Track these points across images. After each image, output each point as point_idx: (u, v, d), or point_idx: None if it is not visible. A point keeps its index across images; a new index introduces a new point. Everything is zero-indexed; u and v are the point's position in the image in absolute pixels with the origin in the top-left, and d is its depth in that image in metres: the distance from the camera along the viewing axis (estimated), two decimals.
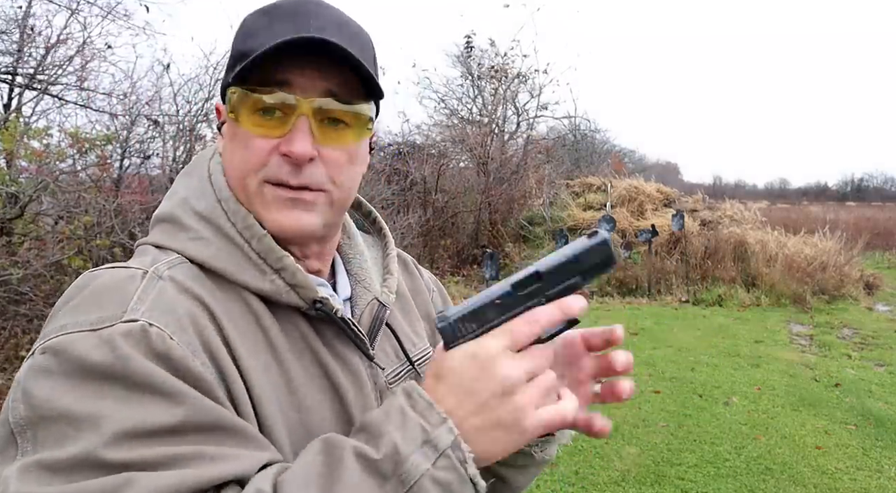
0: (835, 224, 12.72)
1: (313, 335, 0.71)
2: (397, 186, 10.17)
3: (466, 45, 13.88)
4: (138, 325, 0.57)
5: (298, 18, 0.67)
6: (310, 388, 0.69)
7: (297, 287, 0.68)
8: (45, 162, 4.97)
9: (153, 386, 0.55)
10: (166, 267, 0.65)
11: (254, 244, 0.68)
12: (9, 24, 5.78)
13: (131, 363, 0.55)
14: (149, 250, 0.70)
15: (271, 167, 0.67)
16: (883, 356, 6.33)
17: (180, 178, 0.77)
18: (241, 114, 0.67)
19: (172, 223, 0.70)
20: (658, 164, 37.00)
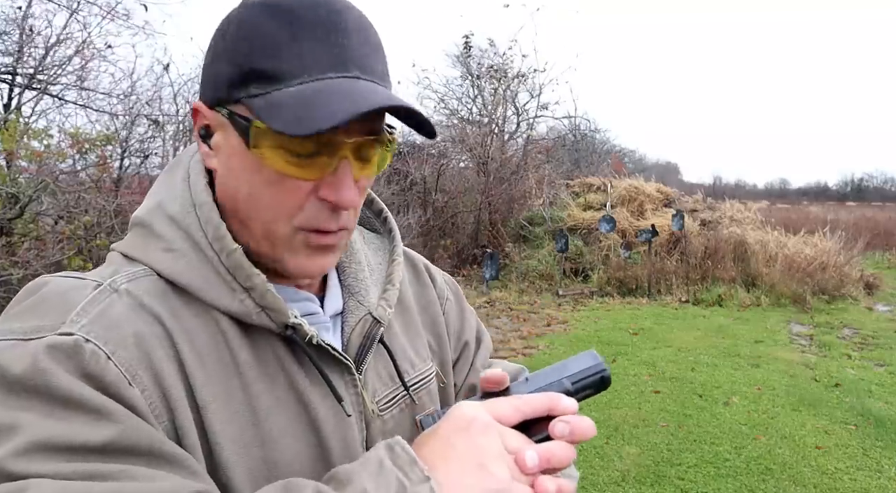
0: (835, 224, 12.72)
1: (290, 359, 0.64)
2: (397, 186, 10.18)
3: (465, 45, 13.88)
4: (71, 339, 0.52)
5: (330, 36, 0.58)
6: (280, 417, 0.62)
7: (267, 309, 0.61)
8: (45, 162, 4.97)
9: (79, 403, 0.50)
10: (125, 280, 0.59)
11: (223, 258, 0.60)
12: (8, 24, 5.78)
13: (51, 379, 0.50)
14: (115, 259, 0.64)
15: (309, 213, 0.60)
16: (883, 356, 6.33)
17: (162, 174, 0.70)
18: (266, 151, 0.58)
19: (144, 229, 0.64)
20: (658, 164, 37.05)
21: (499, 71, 13.44)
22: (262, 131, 0.57)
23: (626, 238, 10.83)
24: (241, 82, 0.58)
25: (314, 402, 0.64)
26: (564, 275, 10.37)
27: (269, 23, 0.57)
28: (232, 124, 0.59)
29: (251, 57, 0.57)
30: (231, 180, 0.62)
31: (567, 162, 16.39)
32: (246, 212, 0.62)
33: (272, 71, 0.56)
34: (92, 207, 4.95)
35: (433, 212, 11.13)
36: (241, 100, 0.58)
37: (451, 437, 0.54)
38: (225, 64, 0.59)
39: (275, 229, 0.61)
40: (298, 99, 0.55)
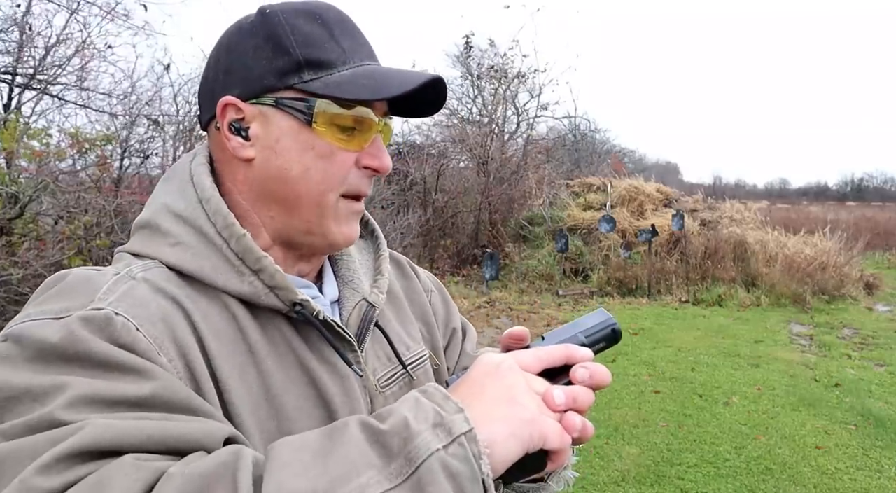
0: (835, 224, 12.72)
1: (297, 339, 0.68)
2: (397, 186, 10.18)
3: (465, 46, 13.88)
4: (102, 312, 0.56)
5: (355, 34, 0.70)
6: (291, 394, 0.65)
7: (276, 289, 0.66)
8: (45, 162, 4.97)
9: (118, 364, 0.53)
10: (140, 270, 0.64)
11: (232, 244, 0.66)
12: (8, 23, 5.78)
13: (90, 344, 0.53)
14: (125, 257, 0.68)
15: (352, 181, 0.70)
16: (883, 356, 6.34)
17: (160, 184, 0.75)
18: (324, 126, 0.67)
19: (150, 229, 0.69)
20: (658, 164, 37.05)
21: (499, 71, 13.44)
22: (323, 109, 0.66)
23: (626, 238, 10.83)
24: (294, 71, 0.66)
25: (322, 379, 0.68)
26: (564, 275, 10.37)
27: (305, 23, 0.67)
28: (281, 109, 0.67)
29: (301, 49, 0.66)
30: (281, 162, 0.68)
31: (567, 162, 16.39)
32: (296, 191, 0.68)
33: (324, 59, 0.67)
34: (92, 207, 4.94)
35: (433, 212, 11.13)
36: (293, 86, 0.66)
37: (480, 379, 0.57)
38: (266, 59, 0.67)
39: (325, 200, 0.68)
40: (359, 76, 0.66)
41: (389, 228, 8.70)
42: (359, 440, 0.49)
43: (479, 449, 0.50)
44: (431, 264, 10.65)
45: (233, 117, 0.68)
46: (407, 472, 0.47)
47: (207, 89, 0.71)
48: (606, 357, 6.13)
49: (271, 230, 0.71)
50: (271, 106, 0.67)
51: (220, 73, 0.70)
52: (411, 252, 10.00)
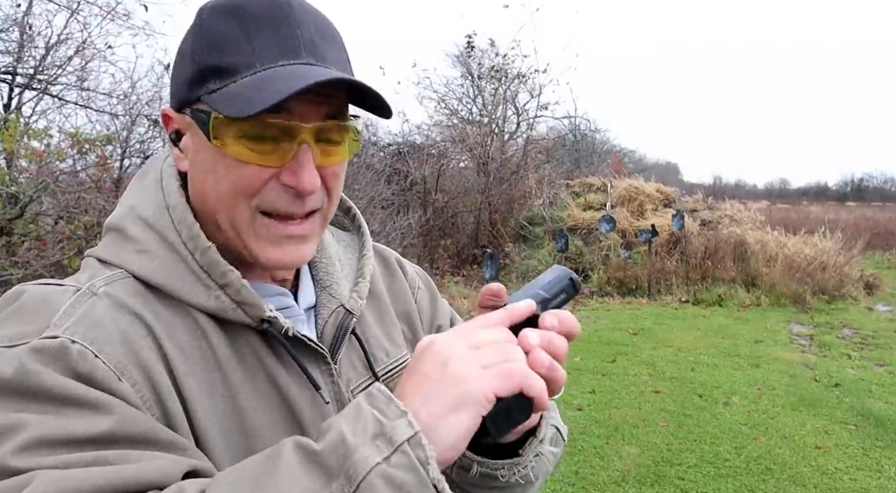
0: (835, 224, 12.72)
1: (266, 352, 0.65)
2: (397, 186, 10.17)
3: (467, 46, 13.88)
4: (56, 342, 0.53)
5: (281, 28, 0.61)
6: (260, 410, 0.63)
7: (242, 304, 0.63)
8: (45, 162, 4.98)
9: (72, 399, 0.51)
10: (102, 283, 0.61)
11: (197, 257, 0.63)
12: (9, 23, 5.78)
13: (44, 379, 0.51)
14: (91, 264, 0.65)
15: (268, 196, 0.62)
16: (883, 356, 6.34)
17: (134, 180, 0.72)
18: (228, 140, 0.60)
19: (118, 233, 0.66)
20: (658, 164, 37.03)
21: (499, 71, 13.44)
22: (220, 122, 0.60)
23: (626, 238, 10.83)
24: (200, 80, 0.61)
25: (292, 393, 0.65)
26: None
27: (222, 22, 0.61)
28: (195, 121, 0.62)
29: (207, 56, 0.61)
30: (199, 175, 0.64)
31: (567, 162, 16.39)
32: (214, 203, 0.64)
33: (226, 65, 0.60)
34: (92, 207, 4.94)
35: (433, 212, 11.13)
36: (200, 97, 0.61)
37: (416, 365, 0.54)
38: (185, 67, 0.63)
39: (236, 214, 0.63)
40: (249, 86, 0.59)
41: (389, 228, 8.70)
42: (293, 464, 0.47)
43: (425, 454, 0.47)
44: (431, 264, 10.65)
45: (173, 127, 0.67)
46: (348, 491, 0.46)
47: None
48: (606, 357, 6.14)
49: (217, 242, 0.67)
50: (189, 117, 0.63)
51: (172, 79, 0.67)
52: (411, 252, 10.00)
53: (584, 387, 5.12)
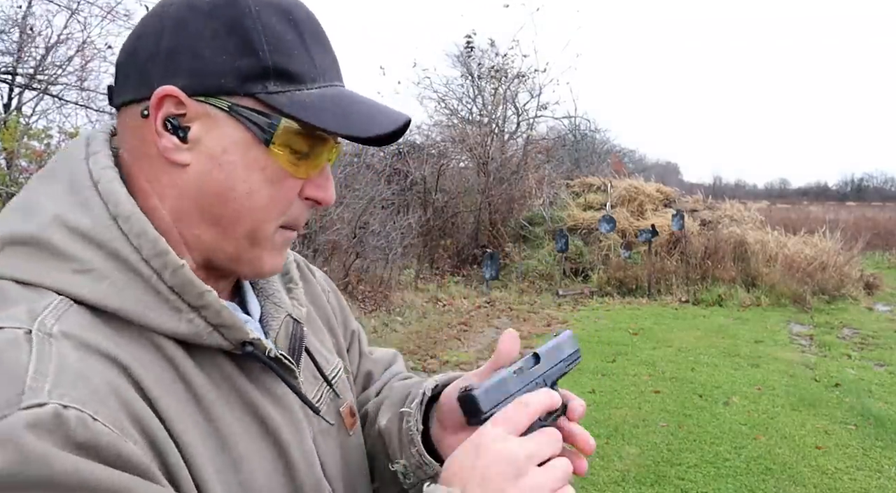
0: (835, 224, 12.73)
1: (237, 374, 0.60)
2: (397, 186, 10.17)
3: (467, 45, 13.88)
4: (49, 409, 0.43)
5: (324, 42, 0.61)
6: (243, 438, 0.59)
7: (221, 327, 0.57)
8: (45, 162, 4.97)
9: (92, 487, 0.42)
10: (53, 320, 0.49)
11: (166, 277, 0.54)
12: (9, 24, 5.78)
13: (53, 463, 0.41)
14: (11, 289, 0.51)
15: (294, 212, 0.61)
16: (883, 356, 6.34)
17: (37, 182, 0.58)
18: (281, 148, 0.57)
19: (39, 249, 0.53)
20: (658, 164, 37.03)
21: (499, 71, 13.44)
22: (287, 130, 0.57)
23: (626, 238, 10.83)
24: (258, 77, 0.56)
25: (269, 413, 0.62)
26: (564, 275, 10.37)
27: (278, 23, 0.57)
28: (235, 117, 0.56)
29: (272, 54, 0.56)
30: (220, 176, 0.57)
31: (567, 162, 16.39)
32: (234, 213, 0.58)
33: (295, 72, 0.57)
34: None
35: (433, 212, 11.13)
36: (255, 95, 0.56)
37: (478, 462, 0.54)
38: (228, 54, 0.55)
39: (263, 229, 0.60)
40: (327, 101, 0.58)
41: (389, 227, 8.70)
42: None
43: None
44: (431, 264, 10.66)
45: (171, 112, 0.56)
46: None
47: (138, 65, 0.57)
48: (606, 357, 6.14)
49: (196, 251, 0.60)
50: (222, 110, 0.56)
51: (162, 52, 0.56)
52: (411, 252, 10.00)
53: (584, 387, 5.12)
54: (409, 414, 0.73)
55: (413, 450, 0.71)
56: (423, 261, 10.51)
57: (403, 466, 0.73)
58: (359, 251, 8.07)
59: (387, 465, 0.76)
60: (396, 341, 6.46)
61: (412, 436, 0.72)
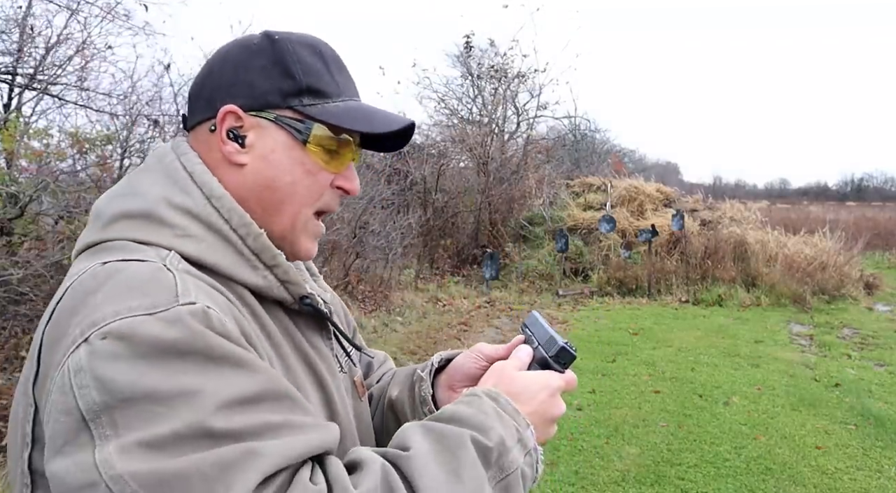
0: (835, 224, 12.72)
1: (293, 327, 0.76)
2: (397, 186, 10.16)
3: (466, 45, 13.88)
4: (199, 306, 0.59)
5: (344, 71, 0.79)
6: (299, 377, 0.73)
7: (287, 283, 0.73)
8: (45, 162, 4.98)
9: (230, 358, 0.58)
10: (176, 261, 0.65)
11: (249, 242, 0.71)
12: (9, 24, 5.78)
13: (208, 338, 0.57)
14: (131, 245, 0.67)
15: (326, 198, 0.78)
16: (883, 356, 6.34)
17: (140, 174, 0.75)
18: (315, 147, 0.75)
19: (149, 219, 0.69)
20: (658, 164, 37.00)
21: (499, 71, 13.44)
22: (319, 132, 0.75)
23: (626, 238, 10.83)
24: (296, 94, 0.74)
25: (316, 362, 0.77)
26: (564, 275, 10.37)
27: (308, 55, 0.75)
28: (279, 125, 0.74)
29: (305, 77, 0.74)
30: (270, 171, 0.74)
31: (567, 162, 16.40)
32: (280, 199, 0.74)
33: (323, 89, 0.75)
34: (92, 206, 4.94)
35: (433, 212, 11.13)
36: (293, 107, 0.74)
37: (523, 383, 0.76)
38: (273, 79, 0.74)
39: (301, 213, 0.76)
40: (352, 110, 0.76)
41: (389, 227, 8.69)
42: (475, 459, 0.64)
43: (537, 456, 0.71)
44: (431, 264, 10.65)
45: (232, 125, 0.73)
46: (499, 477, 0.65)
47: (204, 94, 0.76)
48: (606, 357, 6.14)
49: None
50: (270, 121, 0.74)
51: (223, 84, 0.74)
52: (411, 252, 10.00)
53: (584, 387, 5.12)
54: (422, 380, 0.90)
55: (426, 409, 0.87)
56: (423, 261, 10.51)
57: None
58: (359, 251, 8.07)
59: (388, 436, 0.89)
60: (396, 341, 6.46)
61: (424, 396, 0.89)
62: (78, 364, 0.54)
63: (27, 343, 4.26)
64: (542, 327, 0.85)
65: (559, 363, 0.81)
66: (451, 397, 0.87)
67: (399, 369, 1.02)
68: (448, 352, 0.95)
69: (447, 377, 0.91)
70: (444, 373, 0.92)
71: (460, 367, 0.90)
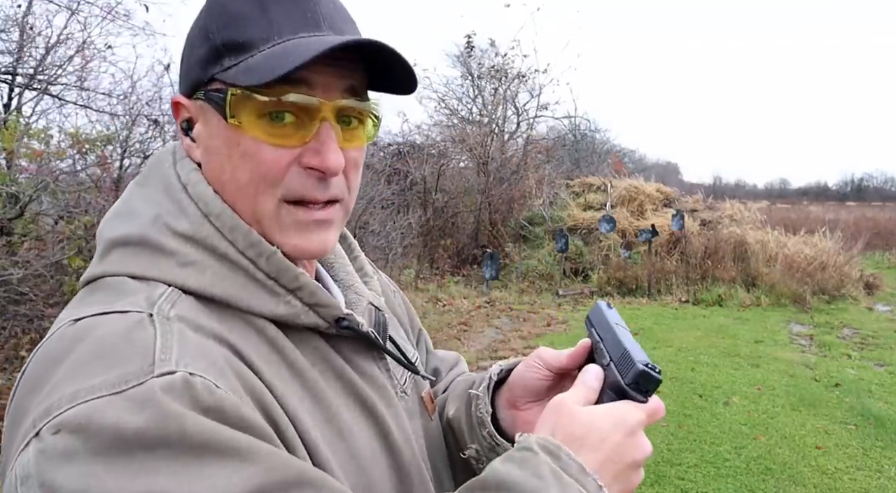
0: (835, 224, 12.73)
1: (333, 354, 0.63)
2: (397, 186, 10.17)
3: (467, 45, 13.88)
4: (179, 376, 0.46)
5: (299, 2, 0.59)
6: (344, 411, 0.61)
7: (317, 307, 0.60)
8: (45, 162, 4.98)
9: (217, 446, 0.45)
10: (169, 305, 0.53)
11: (261, 264, 0.58)
12: (8, 23, 5.78)
13: (186, 422, 0.44)
14: (126, 283, 0.56)
15: (292, 183, 0.58)
16: (883, 356, 6.34)
17: (135, 189, 0.63)
18: (246, 119, 0.57)
19: (145, 247, 0.57)
20: (658, 164, 37.02)
21: (499, 71, 13.44)
22: (238, 98, 0.57)
23: (626, 238, 10.83)
24: (214, 58, 0.58)
25: (365, 391, 0.64)
26: (564, 275, 10.37)
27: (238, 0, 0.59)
28: (210, 103, 0.59)
29: (221, 32, 0.58)
30: (215, 164, 0.60)
31: (567, 162, 16.40)
32: (233, 194, 0.59)
33: (243, 40, 0.57)
34: (92, 207, 4.94)
35: (433, 212, 11.13)
36: (215, 76, 0.58)
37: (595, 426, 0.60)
38: (196, 48, 0.60)
39: (259, 206, 0.59)
40: (269, 56, 0.56)
41: (389, 227, 8.70)
42: None
43: None
44: (431, 264, 10.65)
45: (183, 116, 0.63)
46: None
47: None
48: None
49: None
50: (203, 100, 0.60)
51: (180, 68, 0.63)
52: (411, 252, 10.00)
53: None
54: (478, 397, 0.76)
55: (484, 432, 0.74)
56: (423, 261, 10.51)
57: (476, 451, 0.75)
58: None
59: (457, 454, 0.78)
60: None
61: (482, 417, 0.74)
62: (25, 469, 0.44)
63: (27, 343, 4.26)
64: (612, 329, 0.68)
65: (640, 392, 0.65)
66: (514, 418, 0.74)
67: (459, 380, 0.87)
68: (508, 361, 0.79)
69: (509, 394, 0.75)
70: (504, 387, 0.76)
71: (521, 380, 0.74)
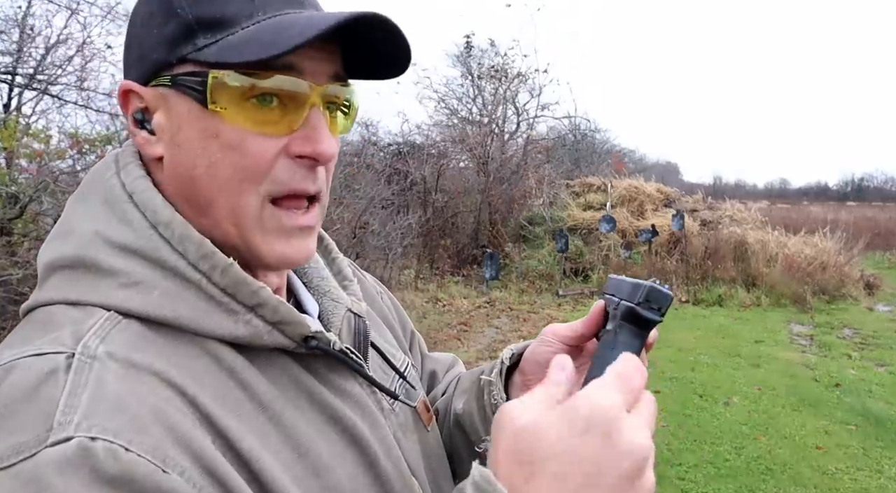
0: (835, 224, 12.71)
1: (305, 375, 0.56)
2: (397, 186, 10.16)
3: (466, 45, 13.88)
4: (73, 443, 0.39)
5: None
6: (320, 441, 0.54)
7: (280, 325, 0.53)
8: (44, 162, 4.98)
9: None
10: (97, 340, 0.46)
11: (216, 278, 0.51)
12: (8, 23, 5.78)
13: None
14: (58, 312, 0.49)
15: (280, 175, 0.52)
16: (883, 356, 6.33)
17: (73, 204, 0.56)
18: (229, 106, 0.50)
19: (84, 269, 0.50)
20: (658, 164, 37.05)
21: (499, 71, 13.44)
22: (220, 82, 0.50)
23: (626, 238, 10.83)
24: (185, 37, 0.51)
25: (343, 412, 0.57)
26: (564, 275, 10.37)
27: None
28: (178, 89, 0.52)
29: (194, 7, 0.51)
30: (184, 158, 0.53)
31: (567, 162, 16.39)
32: (209, 193, 0.52)
33: (221, 16, 0.51)
34: None
35: (433, 212, 11.12)
36: (186, 57, 0.51)
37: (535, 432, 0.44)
38: (157, 27, 0.52)
39: (242, 204, 0.52)
40: (260, 32, 0.50)
41: (389, 228, 8.70)
42: None
43: None
44: (431, 264, 10.65)
45: (136, 106, 0.54)
46: None
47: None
48: None
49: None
50: (168, 87, 0.52)
51: (126, 52, 0.55)
52: (411, 252, 10.00)
53: None
54: (491, 384, 0.70)
55: None
56: (422, 261, 10.51)
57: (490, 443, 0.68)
58: (359, 251, 8.07)
59: (467, 457, 0.73)
60: None
61: (497, 404, 0.67)
62: None
63: None
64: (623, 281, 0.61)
65: (651, 310, 0.56)
66: None
67: (463, 375, 0.82)
68: (518, 344, 0.73)
69: (522, 376, 0.70)
70: (517, 371, 0.71)
71: (533, 357, 0.68)
